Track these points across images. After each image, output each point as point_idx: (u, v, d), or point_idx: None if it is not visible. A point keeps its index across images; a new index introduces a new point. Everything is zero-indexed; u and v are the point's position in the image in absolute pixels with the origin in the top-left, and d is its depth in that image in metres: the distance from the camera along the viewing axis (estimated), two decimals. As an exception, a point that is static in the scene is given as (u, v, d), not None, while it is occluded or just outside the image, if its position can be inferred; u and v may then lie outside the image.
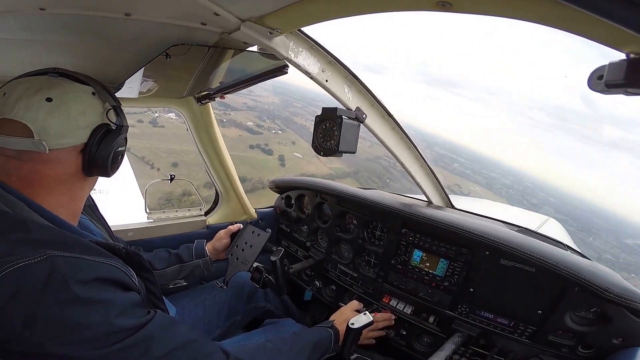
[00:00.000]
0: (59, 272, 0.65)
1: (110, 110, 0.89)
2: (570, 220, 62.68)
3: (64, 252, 0.69)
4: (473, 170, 67.96)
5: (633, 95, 0.55)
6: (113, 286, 0.74)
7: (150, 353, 0.74)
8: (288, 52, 1.06)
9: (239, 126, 44.96)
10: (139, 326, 0.74)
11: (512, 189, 62.72)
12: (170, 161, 30.07)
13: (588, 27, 0.51)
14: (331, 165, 45.78)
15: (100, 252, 0.77)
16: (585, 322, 1.17)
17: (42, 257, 0.66)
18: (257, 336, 1.48)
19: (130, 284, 0.79)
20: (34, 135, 0.76)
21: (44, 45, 1.28)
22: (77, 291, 0.66)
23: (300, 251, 2.14)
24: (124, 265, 0.80)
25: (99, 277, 0.71)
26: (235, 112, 44.91)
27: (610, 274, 1.17)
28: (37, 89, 0.78)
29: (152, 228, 1.87)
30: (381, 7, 0.70)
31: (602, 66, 0.56)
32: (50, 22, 1.09)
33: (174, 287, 1.80)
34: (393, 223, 1.62)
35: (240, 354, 0.96)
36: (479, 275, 1.38)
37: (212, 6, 0.86)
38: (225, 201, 2.18)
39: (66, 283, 0.65)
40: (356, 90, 1.30)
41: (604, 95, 0.60)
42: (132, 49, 1.25)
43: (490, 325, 1.35)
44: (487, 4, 0.56)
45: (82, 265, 0.70)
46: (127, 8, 0.97)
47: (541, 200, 73.06)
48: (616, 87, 0.54)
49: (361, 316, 1.31)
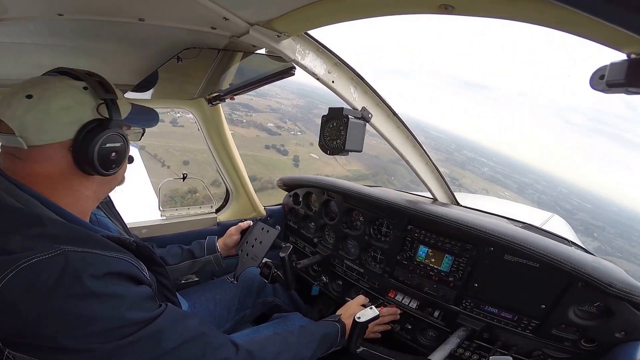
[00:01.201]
0: (72, 267, 0.66)
1: (102, 105, 0.84)
2: (608, 227, 59.51)
3: (77, 247, 0.70)
4: (504, 175, 64.94)
5: (633, 94, 0.56)
6: (125, 280, 0.75)
7: (162, 345, 0.75)
8: (295, 55, 1.08)
9: (259, 127, 44.51)
10: (151, 319, 0.75)
11: (545, 194, 59.48)
12: (182, 159, 30.08)
13: (589, 29, 0.52)
14: (349, 167, 44.54)
15: (112, 246, 0.78)
16: (589, 317, 1.17)
17: (57, 252, 0.67)
18: (266, 330, 1.51)
19: (142, 278, 0.80)
20: (14, 131, 0.75)
21: (61, 49, 1.32)
22: (90, 285, 0.67)
23: (307, 247, 2.16)
24: (135, 259, 0.81)
25: (111, 271, 0.72)
26: (257, 113, 44.74)
27: (614, 269, 1.16)
28: (22, 87, 0.78)
29: (165, 225, 1.91)
30: (384, 11, 0.71)
31: (604, 66, 0.57)
32: (68, 27, 1.13)
33: (186, 282, 1.85)
34: (399, 220, 1.63)
35: (250, 346, 0.98)
36: (483, 271, 1.39)
37: (222, 11, 0.88)
38: (235, 199, 2.22)
39: (79, 277, 0.66)
40: (362, 90, 1.31)
41: (606, 94, 0.61)
42: (146, 53, 1.28)
43: (494, 319, 1.35)
44: (488, 6, 0.57)
45: (95, 259, 0.71)
46: (141, 13, 0.99)
47: (576, 206, 69.18)
48: (617, 87, 0.54)
49: (367, 310, 1.32)
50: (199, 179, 2.08)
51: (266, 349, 1.03)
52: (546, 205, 53.45)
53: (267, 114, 51.78)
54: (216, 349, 0.87)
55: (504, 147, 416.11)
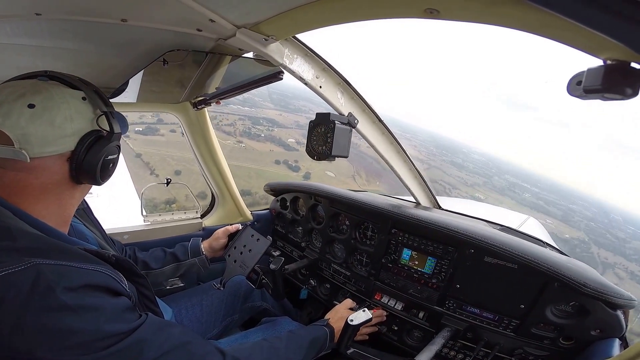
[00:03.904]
0: (44, 280, 0.63)
1: (102, 117, 0.83)
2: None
3: (51, 259, 0.66)
4: (547, 202, 60.49)
5: (609, 100, 0.56)
6: (102, 292, 0.71)
7: (144, 356, 0.72)
8: (283, 59, 1.05)
9: (277, 142, 42.21)
10: (130, 330, 0.72)
11: (594, 221, 54.57)
12: (174, 169, 28.46)
13: (568, 34, 0.52)
14: (368, 187, 41.94)
15: (89, 258, 0.74)
16: (565, 315, 1.18)
17: (27, 265, 0.63)
18: (255, 335, 1.45)
19: (120, 289, 0.76)
20: (14, 143, 0.70)
21: (40, 50, 1.24)
22: (64, 298, 0.63)
23: (295, 251, 2.12)
24: (113, 270, 0.78)
25: (87, 284, 0.68)
26: (280, 128, 42.58)
27: (587, 269, 1.18)
28: (19, 94, 0.72)
29: (148, 231, 1.82)
30: (371, 15, 0.69)
31: (581, 72, 0.57)
32: (47, 27, 1.06)
33: (171, 287, 1.76)
34: (383, 223, 1.62)
35: (237, 353, 0.94)
36: (464, 273, 1.39)
37: (208, 13, 0.84)
38: (221, 204, 2.15)
39: (52, 290, 0.63)
40: (349, 96, 1.30)
41: (582, 100, 0.61)
42: (128, 54, 1.22)
43: (476, 319, 1.35)
44: (472, 11, 0.57)
45: (70, 272, 0.67)
46: (123, 14, 0.95)
47: (630, 234, 62.05)
48: (594, 92, 0.55)
49: (360, 313, 1.31)
50: (183, 183, 2.01)
51: (253, 355, 1.00)
52: (595, 233, 50.13)
53: (292, 130, 49.55)
54: (201, 357, 0.83)
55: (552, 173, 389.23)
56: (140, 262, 1.45)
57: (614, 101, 0.56)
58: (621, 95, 0.52)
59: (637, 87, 0.50)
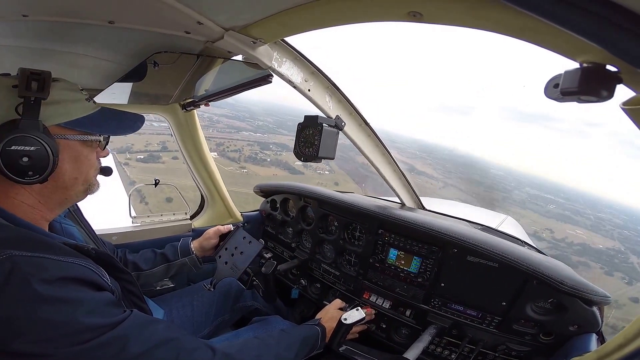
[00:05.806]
0: (20, 272, 0.61)
1: (21, 105, 0.71)
2: None
3: (27, 251, 0.64)
4: (573, 212, 55.42)
5: (585, 102, 0.56)
6: (82, 285, 0.68)
7: (127, 351, 0.69)
8: (272, 62, 1.03)
9: (283, 166, 39.76)
10: (112, 325, 0.69)
11: (626, 229, 50.17)
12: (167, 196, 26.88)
13: (546, 37, 0.52)
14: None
15: (68, 252, 0.71)
16: (544, 312, 1.19)
17: (3, 256, 0.61)
18: (246, 333, 1.42)
19: (102, 284, 0.74)
20: None
21: (26, 51, 1.19)
22: (40, 290, 0.61)
23: (285, 252, 2.09)
24: (95, 265, 0.75)
25: (65, 276, 0.66)
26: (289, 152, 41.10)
27: (564, 268, 1.19)
28: None
29: (137, 232, 1.76)
30: (357, 18, 0.68)
31: (558, 75, 0.57)
32: (33, 29, 1.02)
33: (161, 288, 1.70)
34: (370, 224, 1.61)
35: (227, 349, 0.91)
36: (448, 271, 1.39)
37: (196, 15, 0.82)
38: (210, 205, 2.10)
39: (27, 282, 0.61)
40: (336, 99, 1.29)
41: (559, 102, 0.61)
42: (116, 56, 1.18)
43: (461, 317, 1.35)
44: (454, 15, 0.56)
45: (47, 264, 0.65)
46: (110, 16, 0.91)
47: None
48: (570, 95, 0.54)
49: (354, 312, 1.31)
50: (172, 184, 1.95)
51: (244, 351, 0.96)
52: (629, 241, 45.30)
53: (302, 153, 47.19)
54: (189, 353, 0.81)
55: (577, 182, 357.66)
56: (130, 264, 1.40)
57: (589, 103, 0.56)
58: (597, 97, 0.51)
59: (612, 89, 0.50)
